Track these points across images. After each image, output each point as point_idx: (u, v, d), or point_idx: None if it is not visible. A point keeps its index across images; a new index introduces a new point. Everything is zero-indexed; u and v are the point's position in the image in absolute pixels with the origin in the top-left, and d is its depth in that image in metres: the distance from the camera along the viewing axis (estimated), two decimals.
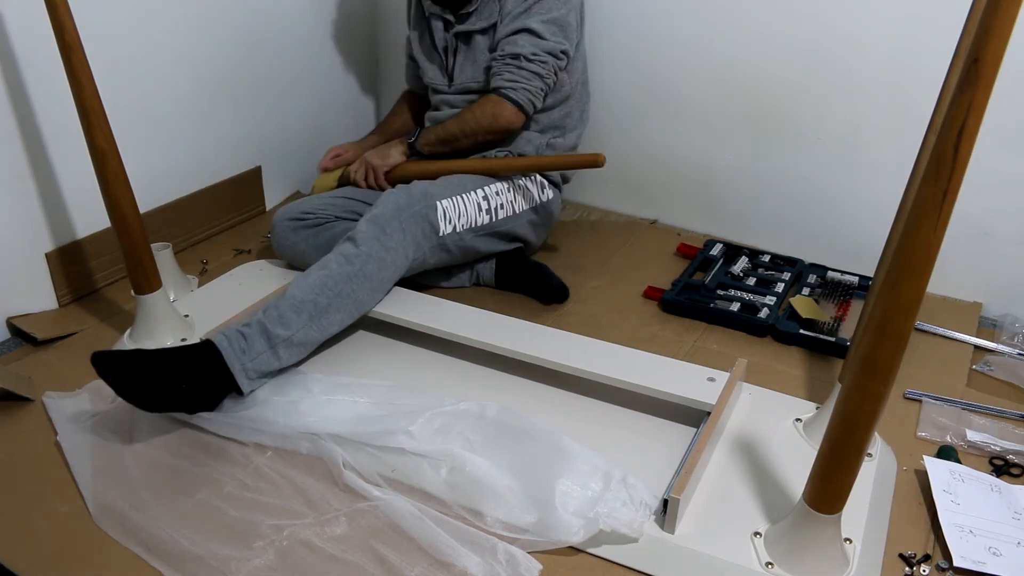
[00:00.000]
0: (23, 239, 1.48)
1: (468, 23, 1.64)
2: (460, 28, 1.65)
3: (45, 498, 1.12)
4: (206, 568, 1.00)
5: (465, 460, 1.14)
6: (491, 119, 1.60)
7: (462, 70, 1.68)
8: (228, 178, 1.89)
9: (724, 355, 1.48)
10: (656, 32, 1.82)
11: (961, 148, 0.72)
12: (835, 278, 1.72)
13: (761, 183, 1.84)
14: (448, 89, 1.71)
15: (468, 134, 1.63)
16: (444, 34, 1.69)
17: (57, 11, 1.20)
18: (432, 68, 1.73)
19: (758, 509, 1.10)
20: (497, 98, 1.60)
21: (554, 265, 1.71)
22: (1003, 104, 1.25)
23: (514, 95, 1.58)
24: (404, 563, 1.01)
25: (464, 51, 1.67)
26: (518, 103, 1.59)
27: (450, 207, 1.53)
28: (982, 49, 0.69)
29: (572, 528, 1.03)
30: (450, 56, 1.69)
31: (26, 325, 1.47)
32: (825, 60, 1.67)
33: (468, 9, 1.63)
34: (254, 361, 1.26)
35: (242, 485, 1.13)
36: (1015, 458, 1.23)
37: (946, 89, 1.06)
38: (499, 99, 1.59)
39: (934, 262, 0.78)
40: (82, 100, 1.25)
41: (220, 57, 1.78)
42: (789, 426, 1.27)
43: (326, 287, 1.34)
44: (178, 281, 1.59)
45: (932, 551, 1.07)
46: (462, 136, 1.63)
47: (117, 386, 1.15)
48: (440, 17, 1.68)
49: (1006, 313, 1.63)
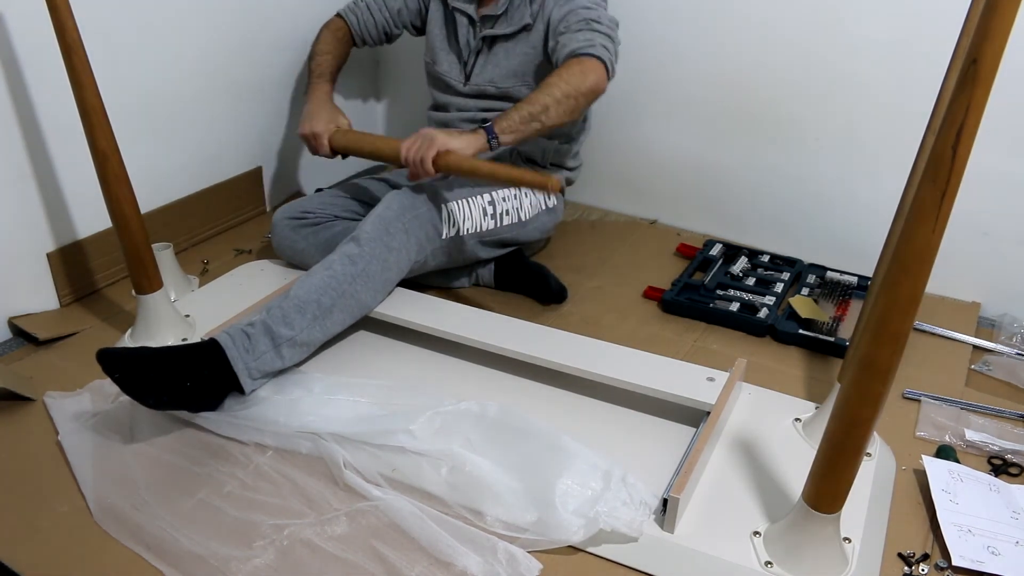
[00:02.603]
0: (24, 239, 1.49)
1: (497, 27, 1.62)
2: (488, 32, 1.62)
3: (46, 498, 1.12)
4: (207, 567, 1.00)
5: (465, 459, 1.14)
6: (580, 78, 1.43)
7: (481, 72, 1.66)
8: (229, 178, 1.89)
9: (723, 355, 1.48)
10: (656, 32, 1.82)
11: (960, 148, 0.72)
12: (834, 278, 1.72)
13: (761, 183, 1.85)
14: (463, 88, 1.69)
15: (559, 100, 1.42)
16: (469, 33, 1.66)
17: (58, 11, 1.20)
18: (449, 62, 1.70)
19: (757, 508, 1.10)
20: (581, 58, 1.45)
21: (554, 265, 1.71)
22: (1002, 104, 1.25)
23: (596, 51, 1.45)
24: (404, 562, 1.01)
25: (487, 54, 1.65)
26: (602, 59, 1.45)
27: (455, 210, 1.53)
28: (980, 50, 0.69)
29: (572, 527, 1.03)
30: (472, 56, 1.67)
31: (27, 325, 1.47)
32: (825, 61, 1.67)
33: (495, 11, 1.61)
34: (258, 361, 1.26)
35: (243, 484, 1.14)
36: (1014, 458, 1.23)
37: (945, 89, 1.06)
38: (581, 59, 1.44)
39: (933, 262, 0.79)
40: (83, 100, 1.26)
41: (221, 57, 1.78)
42: (788, 426, 1.27)
43: (330, 287, 1.34)
44: (179, 281, 1.59)
45: (931, 550, 1.07)
46: (554, 104, 1.43)
47: (123, 383, 1.15)
48: (464, 12, 1.65)
49: (1005, 313, 1.63)
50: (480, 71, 1.66)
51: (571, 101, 1.43)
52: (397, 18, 1.79)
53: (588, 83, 1.44)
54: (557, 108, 1.43)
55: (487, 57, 1.65)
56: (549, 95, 1.42)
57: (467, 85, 1.69)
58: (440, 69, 1.72)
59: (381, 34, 1.81)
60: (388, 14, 1.78)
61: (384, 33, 1.81)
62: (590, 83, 1.44)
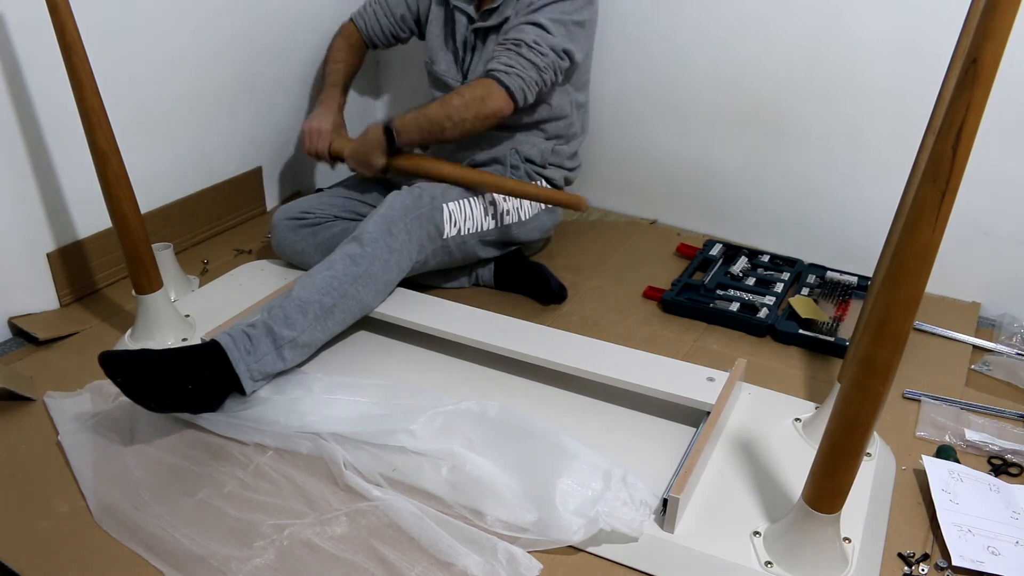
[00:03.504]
0: (24, 239, 1.49)
1: (489, 20, 1.62)
2: (480, 24, 1.63)
3: (46, 498, 1.12)
4: (207, 568, 1.00)
5: (466, 459, 1.14)
6: (479, 103, 1.49)
7: (476, 68, 1.66)
8: (229, 178, 1.89)
9: (723, 355, 1.48)
10: (656, 32, 1.82)
11: (960, 148, 0.72)
12: (834, 278, 1.72)
13: (761, 183, 1.85)
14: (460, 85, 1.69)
15: (455, 121, 1.49)
16: (466, 30, 1.67)
17: (58, 11, 1.21)
18: (446, 60, 1.71)
19: (757, 508, 1.10)
20: (488, 81, 1.50)
21: (554, 265, 1.71)
22: (1002, 104, 1.25)
23: (507, 80, 1.49)
24: (405, 563, 1.01)
25: (480, 49, 1.66)
26: (510, 89, 1.49)
27: (456, 210, 1.53)
28: (981, 49, 0.69)
29: (572, 527, 1.03)
30: (467, 52, 1.67)
31: (27, 325, 1.47)
32: (825, 61, 1.67)
33: (491, 5, 1.62)
34: (259, 363, 1.26)
35: (243, 485, 1.14)
36: (1013, 457, 1.23)
37: (945, 89, 1.06)
38: (490, 82, 1.50)
39: (933, 262, 0.79)
40: (83, 100, 1.26)
41: (221, 57, 1.78)
42: (788, 426, 1.27)
43: (332, 288, 1.34)
44: (179, 281, 1.59)
45: (931, 550, 1.07)
46: (448, 123, 1.50)
47: (125, 387, 1.15)
48: (463, 11, 1.66)
49: (1004, 313, 1.63)
50: (475, 67, 1.67)
51: (467, 124, 1.51)
52: (402, 23, 1.80)
53: (487, 109, 1.50)
54: (451, 129, 1.51)
55: (481, 52, 1.65)
56: (446, 113, 1.50)
57: (465, 82, 1.68)
58: (439, 69, 1.72)
59: (389, 38, 1.84)
60: (393, 19, 1.80)
61: (392, 36, 1.83)
62: (489, 109, 1.50)
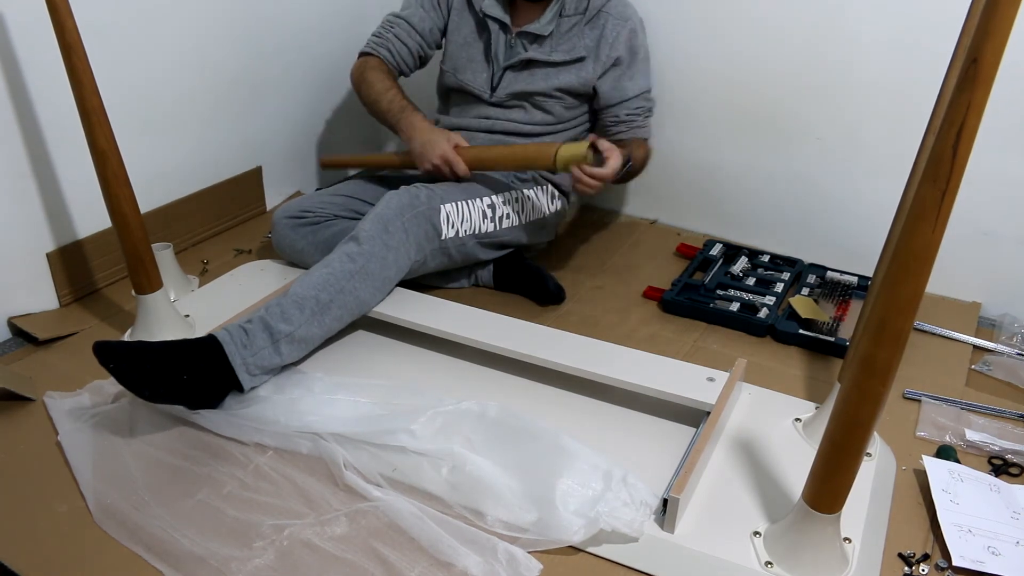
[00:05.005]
0: (24, 239, 1.49)
1: (545, 51, 1.62)
2: (535, 55, 1.62)
3: (45, 498, 1.12)
4: (206, 568, 1.00)
5: (466, 459, 1.14)
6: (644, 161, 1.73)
7: (510, 85, 1.66)
8: (229, 178, 1.89)
9: (724, 355, 1.48)
10: (657, 32, 1.82)
11: (960, 148, 0.72)
12: (834, 278, 1.72)
13: (761, 183, 1.84)
14: (488, 99, 1.69)
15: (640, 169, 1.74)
16: (502, 43, 1.65)
17: (58, 11, 1.21)
18: (474, 72, 1.69)
19: (757, 509, 1.10)
20: (646, 143, 1.75)
21: (553, 265, 1.71)
22: (1002, 104, 1.25)
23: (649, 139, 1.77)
24: (405, 563, 1.01)
25: (521, 70, 1.65)
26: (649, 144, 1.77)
27: (453, 211, 1.53)
28: (981, 49, 0.69)
29: (572, 527, 1.03)
30: (503, 69, 1.66)
31: (27, 325, 1.47)
32: (825, 60, 1.67)
33: (539, 30, 1.61)
34: (255, 356, 1.26)
35: (242, 485, 1.14)
36: (1014, 458, 1.23)
37: (945, 89, 1.06)
38: (646, 143, 1.75)
39: (933, 262, 0.79)
40: (83, 100, 1.26)
41: (221, 57, 1.78)
42: (788, 426, 1.27)
43: (328, 284, 1.34)
44: (179, 281, 1.59)
45: (931, 550, 1.07)
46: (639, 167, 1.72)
47: (118, 374, 1.15)
48: (497, 20, 1.64)
49: (1005, 313, 1.63)
50: (510, 83, 1.66)
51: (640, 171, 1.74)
52: (429, 37, 1.73)
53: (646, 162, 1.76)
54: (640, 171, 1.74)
55: (522, 72, 1.64)
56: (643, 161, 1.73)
57: (493, 96, 1.68)
58: (463, 78, 1.70)
59: (416, 60, 1.74)
60: (419, 37, 1.71)
61: (419, 58, 1.75)
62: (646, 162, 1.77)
